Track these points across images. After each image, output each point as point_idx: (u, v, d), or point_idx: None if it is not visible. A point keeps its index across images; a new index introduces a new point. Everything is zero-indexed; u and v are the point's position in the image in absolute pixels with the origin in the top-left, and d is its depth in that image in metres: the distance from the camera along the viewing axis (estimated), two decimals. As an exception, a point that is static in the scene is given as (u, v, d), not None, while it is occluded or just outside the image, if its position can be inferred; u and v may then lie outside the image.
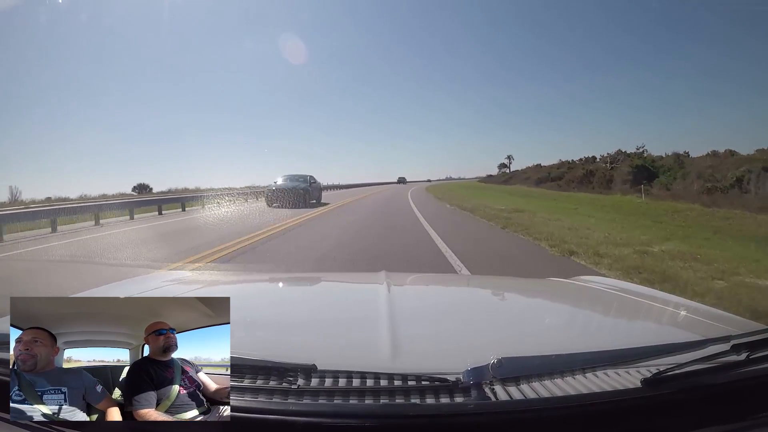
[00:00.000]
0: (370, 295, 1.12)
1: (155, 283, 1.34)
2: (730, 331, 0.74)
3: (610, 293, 1.21)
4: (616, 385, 0.59)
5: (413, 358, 0.70)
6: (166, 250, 6.01)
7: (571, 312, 1.10)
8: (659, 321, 0.96)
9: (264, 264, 4.89)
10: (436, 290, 1.43)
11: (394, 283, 1.19)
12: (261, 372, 0.62)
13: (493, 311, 1.10)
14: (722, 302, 2.91)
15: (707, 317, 0.91)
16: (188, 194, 19.89)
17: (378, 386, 0.58)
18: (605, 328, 0.95)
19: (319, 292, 1.38)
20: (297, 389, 0.57)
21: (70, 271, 4.96)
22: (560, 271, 3.99)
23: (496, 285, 1.74)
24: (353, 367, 0.61)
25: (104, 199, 18.30)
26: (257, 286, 1.49)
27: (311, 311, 1.09)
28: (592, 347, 0.67)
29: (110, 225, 10.04)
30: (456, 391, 0.57)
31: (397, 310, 0.91)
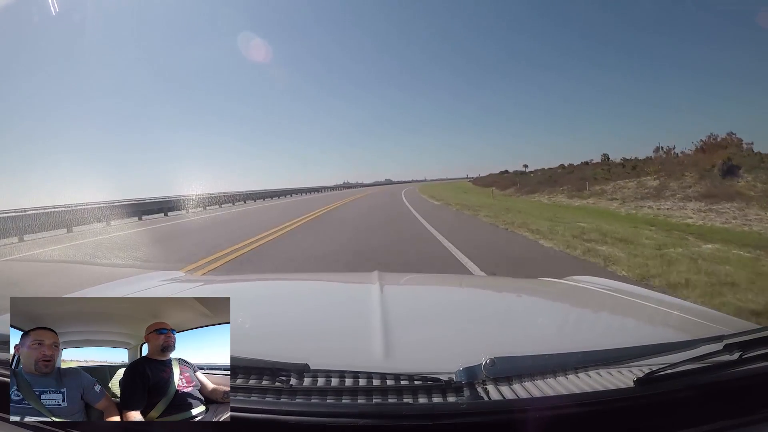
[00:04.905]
0: (363, 294, 1.13)
1: (151, 282, 1.34)
2: (722, 331, 0.74)
3: (603, 293, 1.21)
4: (609, 385, 0.59)
5: (406, 357, 0.70)
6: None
7: (564, 312, 1.10)
8: (652, 321, 0.96)
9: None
10: (428, 290, 1.43)
11: (386, 283, 1.19)
12: (254, 371, 0.62)
13: (485, 311, 1.10)
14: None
15: (700, 317, 0.91)
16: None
17: (370, 386, 0.59)
18: (598, 328, 0.95)
19: (312, 292, 1.38)
20: (289, 389, 0.58)
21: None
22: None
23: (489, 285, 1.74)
24: (346, 366, 0.62)
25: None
26: (250, 285, 1.50)
27: (304, 311, 1.09)
28: (584, 347, 0.67)
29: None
30: (448, 390, 0.58)
31: (389, 310, 0.91)
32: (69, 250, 7.35)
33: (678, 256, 4.64)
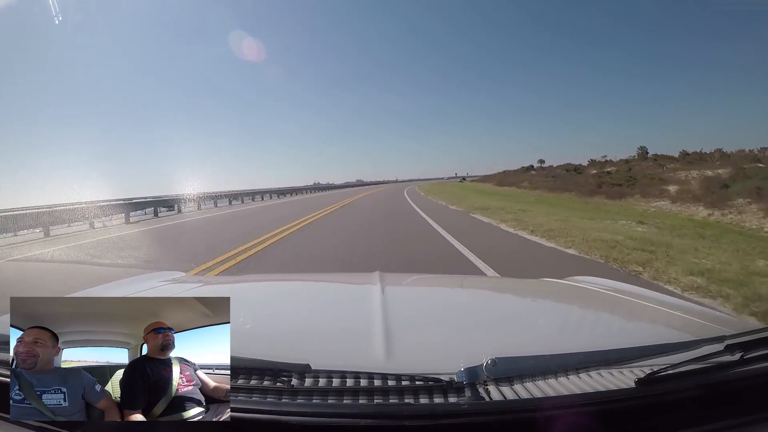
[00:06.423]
0: (364, 295, 1.13)
1: (151, 282, 1.34)
2: (723, 332, 0.74)
3: (605, 294, 1.21)
4: (610, 386, 0.60)
5: (407, 358, 0.70)
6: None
7: (565, 312, 1.10)
8: (653, 321, 0.96)
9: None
10: (430, 290, 1.43)
11: (387, 283, 1.19)
12: (255, 372, 0.62)
13: (487, 311, 1.10)
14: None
15: (701, 317, 0.91)
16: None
17: (372, 386, 0.59)
18: (599, 329, 0.95)
19: (313, 293, 1.38)
20: (291, 389, 0.58)
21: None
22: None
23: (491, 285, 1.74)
24: (347, 367, 0.62)
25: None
26: (250, 286, 1.50)
27: (305, 311, 1.09)
28: (586, 347, 0.67)
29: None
30: (450, 390, 0.58)
31: (391, 310, 0.91)
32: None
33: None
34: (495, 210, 10.93)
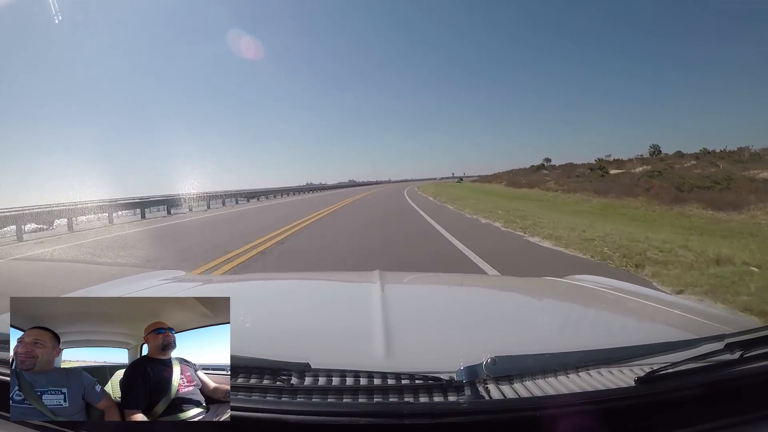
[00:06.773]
0: (364, 294, 1.13)
1: (152, 281, 1.34)
2: (724, 330, 0.74)
3: (605, 292, 1.21)
4: (610, 384, 0.59)
5: (407, 356, 0.70)
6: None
7: (565, 311, 1.09)
8: (653, 320, 0.96)
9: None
10: (429, 289, 1.43)
11: (387, 282, 1.19)
12: (255, 371, 0.62)
13: (487, 310, 1.10)
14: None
15: (701, 316, 0.91)
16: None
17: (371, 385, 0.59)
18: (599, 327, 0.95)
19: (313, 292, 1.38)
20: (291, 388, 0.58)
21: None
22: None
23: (491, 284, 1.74)
24: (347, 365, 0.62)
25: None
26: (250, 285, 1.50)
27: (305, 310, 1.09)
28: (586, 346, 0.67)
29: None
30: (450, 389, 0.58)
31: (390, 309, 0.91)
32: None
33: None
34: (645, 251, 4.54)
